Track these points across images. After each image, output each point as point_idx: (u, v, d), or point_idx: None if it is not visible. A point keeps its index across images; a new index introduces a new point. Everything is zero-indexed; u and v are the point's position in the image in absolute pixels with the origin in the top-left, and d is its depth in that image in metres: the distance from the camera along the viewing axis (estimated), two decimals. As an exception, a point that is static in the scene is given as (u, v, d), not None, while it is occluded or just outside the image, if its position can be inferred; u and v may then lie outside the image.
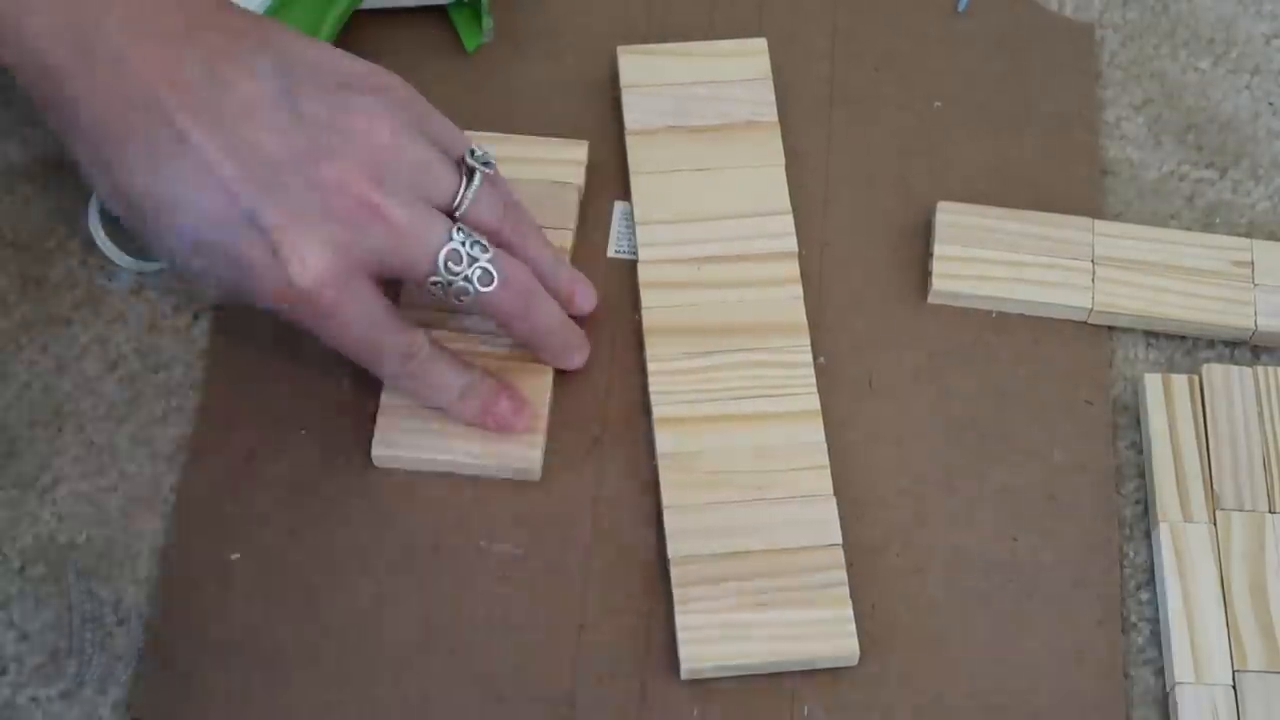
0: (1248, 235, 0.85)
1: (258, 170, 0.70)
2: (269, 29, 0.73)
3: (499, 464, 0.78)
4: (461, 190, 0.74)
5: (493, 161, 0.75)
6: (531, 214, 0.78)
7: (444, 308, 0.77)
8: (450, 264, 0.73)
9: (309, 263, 0.70)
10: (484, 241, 0.74)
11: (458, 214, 0.74)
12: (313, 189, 0.70)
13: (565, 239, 0.82)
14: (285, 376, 0.80)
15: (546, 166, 0.84)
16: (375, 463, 0.78)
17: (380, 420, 0.78)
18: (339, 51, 0.74)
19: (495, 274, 0.74)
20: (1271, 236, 0.85)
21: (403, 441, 0.78)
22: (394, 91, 0.74)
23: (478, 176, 0.74)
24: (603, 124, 0.86)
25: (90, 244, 0.83)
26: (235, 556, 0.76)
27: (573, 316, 0.80)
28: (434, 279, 0.73)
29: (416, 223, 0.72)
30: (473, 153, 0.75)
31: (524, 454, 0.78)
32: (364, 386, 0.79)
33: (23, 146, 0.85)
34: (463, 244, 0.73)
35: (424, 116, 0.74)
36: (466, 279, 0.73)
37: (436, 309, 0.79)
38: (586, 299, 0.81)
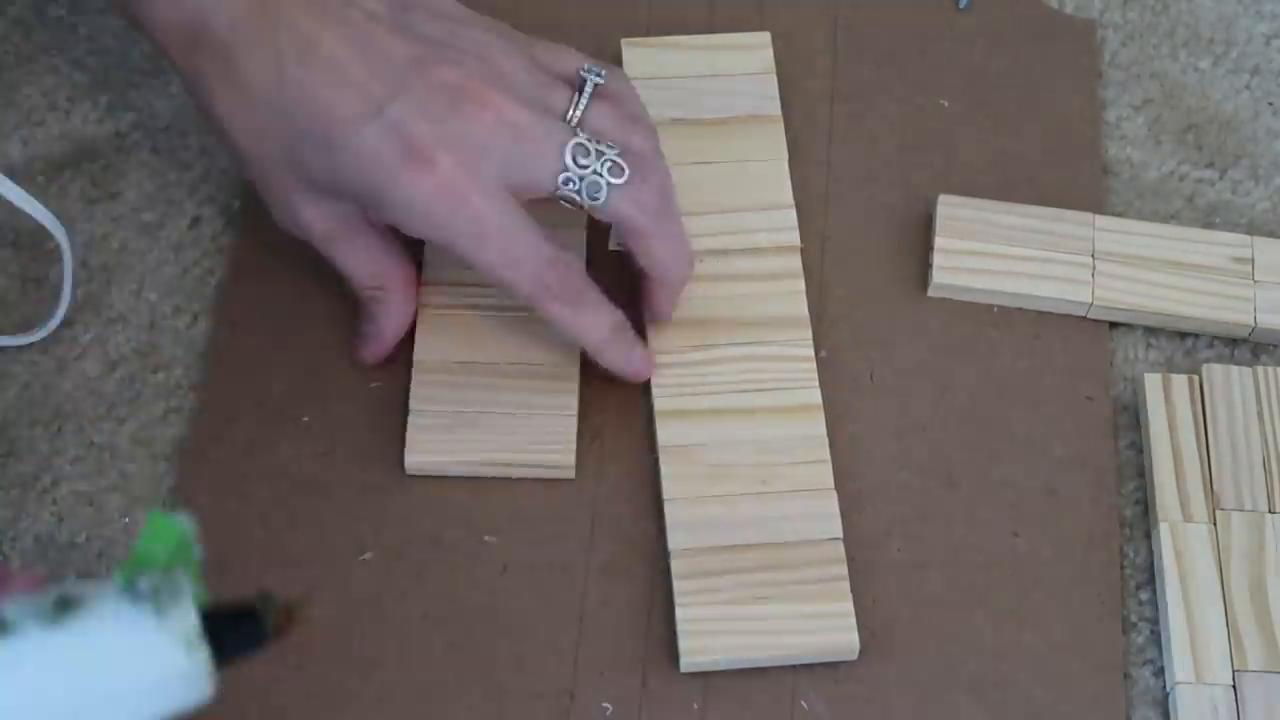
0: (1248, 235, 0.85)
1: (384, 70, 0.72)
2: None
3: (533, 464, 0.78)
4: (574, 101, 0.76)
5: (604, 76, 0.77)
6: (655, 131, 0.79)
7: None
8: (578, 158, 0.74)
9: (445, 144, 0.72)
10: (608, 143, 0.75)
11: (572, 123, 0.75)
12: (436, 90, 0.72)
13: None
14: (285, 377, 0.80)
15: None
16: (409, 471, 0.77)
17: (411, 427, 0.78)
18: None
19: (626, 167, 0.75)
20: (1271, 236, 0.85)
21: (437, 447, 0.77)
22: (499, 27, 0.77)
23: (589, 87, 0.76)
24: (605, 118, 0.86)
25: (91, 244, 0.83)
26: (235, 554, 0.76)
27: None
28: (564, 176, 0.73)
29: (537, 123, 0.73)
30: (585, 68, 0.77)
31: (558, 458, 0.78)
32: (366, 384, 0.80)
33: (23, 146, 0.86)
34: (587, 139, 0.74)
35: (530, 44, 0.77)
36: (597, 173, 0.74)
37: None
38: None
